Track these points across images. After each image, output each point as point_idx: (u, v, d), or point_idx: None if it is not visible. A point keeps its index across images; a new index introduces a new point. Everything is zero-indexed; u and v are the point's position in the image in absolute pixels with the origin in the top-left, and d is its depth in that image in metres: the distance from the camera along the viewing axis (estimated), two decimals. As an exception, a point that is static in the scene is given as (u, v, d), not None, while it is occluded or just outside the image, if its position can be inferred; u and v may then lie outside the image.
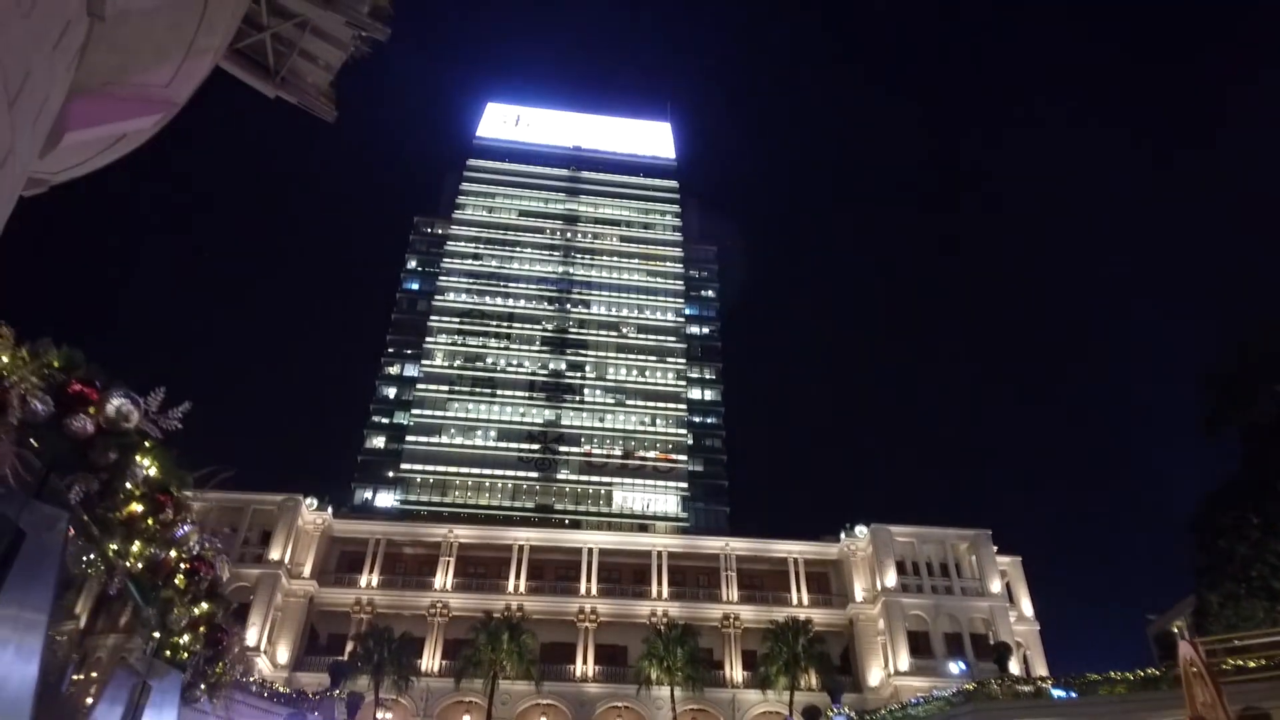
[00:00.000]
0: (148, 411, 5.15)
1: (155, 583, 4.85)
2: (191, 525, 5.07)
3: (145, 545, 4.92)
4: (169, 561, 4.88)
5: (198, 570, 5.07)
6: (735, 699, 52.01)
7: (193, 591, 5.11)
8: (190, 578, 5.06)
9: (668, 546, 59.85)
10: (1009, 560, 57.82)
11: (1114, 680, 35.63)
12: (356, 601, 54.27)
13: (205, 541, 5.13)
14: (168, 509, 5.00)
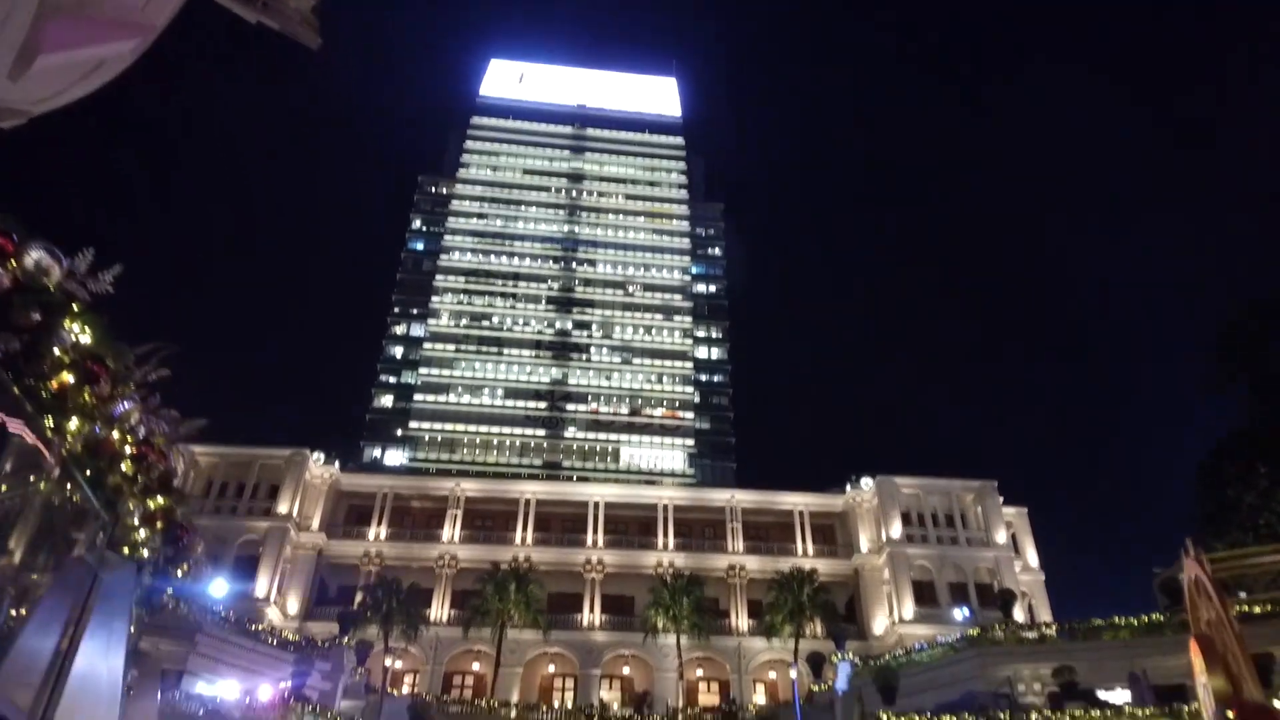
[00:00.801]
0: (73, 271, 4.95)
1: (99, 466, 4.70)
2: (132, 402, 4.87)
3: (83, 422, 4.75)
4: (111, 443, 4.72)
5: (146, 456, 4.90)
6: (741, 647, 52.51)
7: (144, 481, 4.95)
8: (139, 464, 4.89)
9: (674, 500, 60.08)
10: (1014, 511, 57.86)
11: (1118, 626, 35.73)
12: (365, 554, 54.78)
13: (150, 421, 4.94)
14: (103, 381, 4.81)
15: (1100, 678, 32.77)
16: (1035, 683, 34.34)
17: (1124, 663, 32.90)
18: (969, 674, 34.90)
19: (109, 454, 4.85)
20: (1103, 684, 32.66)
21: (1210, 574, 8.14)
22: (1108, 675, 32.81)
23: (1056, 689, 32.26)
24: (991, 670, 34.85)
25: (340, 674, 37.99)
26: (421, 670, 50.59)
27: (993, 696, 32.27)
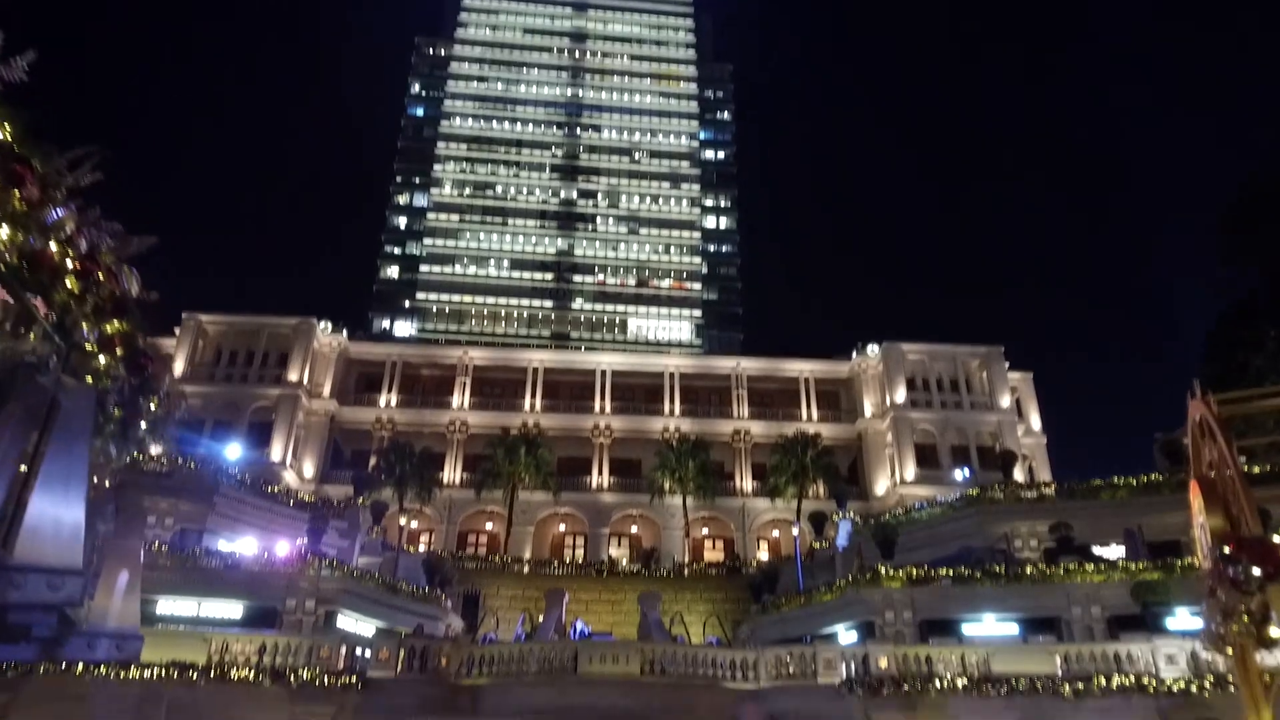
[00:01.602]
0: (-27, 59, 4.49)
1: (40, 282, 4.44)
2: (66, 210, 4.54)
3: (15, 230, 4.46)
4: (49, 255, 4.44)
5: (91, 273, 4.62)
6: (745, 507, 53.91)
7: (93, 301, 4.69)
8: (83, 280, 4.62)
9: (680, 367, 60.43)
10: (1019, 376, 58.06)
11: (1116, 485, 36.20)
12: (377, 420, 55.68)
13: (91, 235, 4.63)
14: (29, 184, 4.47)
15: (1096, 534, 33.47)
16: (1032, 539, 35.17)
17: (1120, 520, 33.49)
18: (967, 531, 35.71)
19: (49, 268, 4.56)
20: (1098, 540, 33.38)
21: (1216, 414, 7.89)
22: (1104, 532, 33.49)
23: (1053, 544, 33.03)
24: (989, 527, 35.63)
25: (357, 533, 39.19)
26: (436, 529, 52.28)
27: (989, 551, 33.11)
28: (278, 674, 21.41)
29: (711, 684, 23.21)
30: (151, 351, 5.19)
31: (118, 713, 20.27)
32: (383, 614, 30.45)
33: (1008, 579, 29.50)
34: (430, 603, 33.78)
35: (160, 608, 27.09)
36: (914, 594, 29.76)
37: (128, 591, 4.88)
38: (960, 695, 22.77)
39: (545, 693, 22.22)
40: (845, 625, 31.03)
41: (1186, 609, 26.62)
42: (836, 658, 23.99)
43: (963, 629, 29.20)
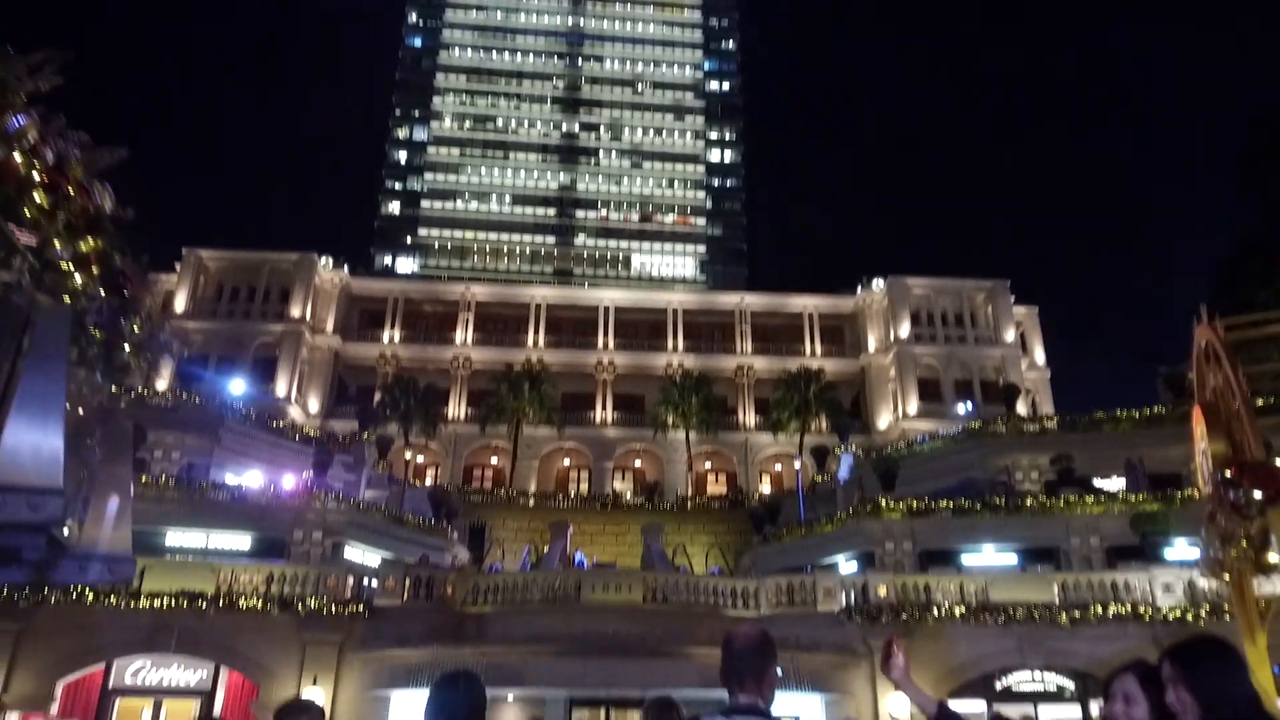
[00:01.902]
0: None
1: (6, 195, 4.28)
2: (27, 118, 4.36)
3: (-32, 136, 4.30)
4: (13, 166, 4.26)
5: (59, 186, 4.45)
6: (748, 441, 54.22)
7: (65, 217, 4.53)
8: (52, 194, 4.46)
9: (684, 304, 60.18)
10: (1025, 310, 57.71)
11: (1118, 418, 36.23)
12: (380, 356, 55.74)
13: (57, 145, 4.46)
14: (-18, 83, 4.30)
15: (1097, 467, 33.59)
16: (1033, 471, 35.33)
17: (1122, 453, 33.57)
18: (968, 463, 35.87)
19: (14, 179, 4.39)
20: (1099, 473, 33.51)
21: (1222, 338, 7.73)
22: (1105, 465, 33.60)
23: (1054, 477, 33.19)
24: (991, 460, 35.79)
25: (363, 467, 39.57)
26: (442, 464, 52.73)
27: (990, 484, 33.31)
28: (285, 603, 21.77)
29: (712, 612, 23.58)
30: (131, 271, 5.05)
31: (129, 641, 20.72)
32: (389, 545, 30.86)
33: (1008, 510, 29.73)
34: (436, 534, 34.24)
35: (170, 539, 27.50)
36: (914, 525, 30.04)
37: (118, 516, 4.92)
38: (958, 623, 23.14)
39: (549, 620, 22.59)
40: (845, 556, 31.40)
41: (1184, 540, 26.85)
42: (836, 586, 24.31)
43: (962, 559, 29.54)
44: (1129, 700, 2.85)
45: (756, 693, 3.36)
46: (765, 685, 3.39)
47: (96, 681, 20.68)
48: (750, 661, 3.41)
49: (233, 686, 21.61)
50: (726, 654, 3.47)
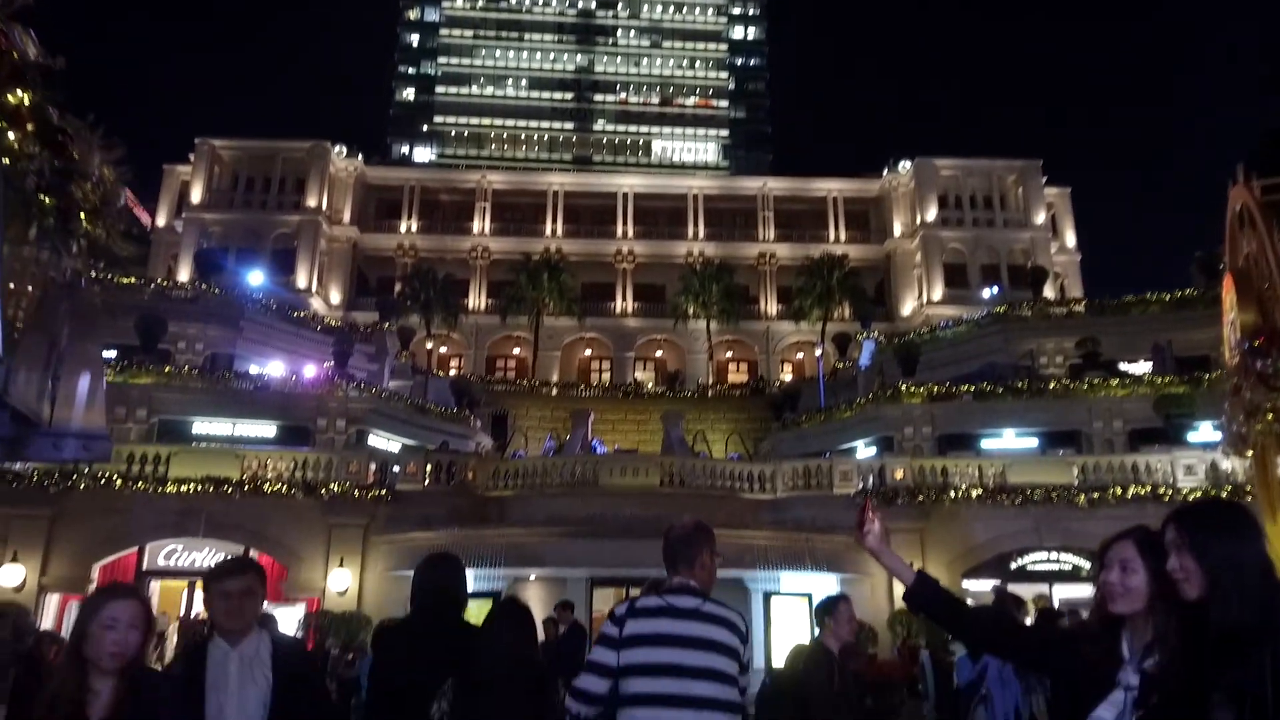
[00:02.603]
0: None
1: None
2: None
3: None
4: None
5: (-38, 31, 4.10)
6: (769, 330, 53.91)
7: (-21, 61, 4.19)
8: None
9: (704, 189, 58.85)
10: (1056, 192, 55.88)
11: (1148, 301, 35.44)
12: (399, 246, 55.42)
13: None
14: None
15: (1124, 350, 33.03)
16: (1058, 355, 34.87)
17: (1149, 336, 32.90)
18: (992, 348, 35.42)
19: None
20: (1126, 356, 32.98)
21: (1259, 198, 7.18)
22: (1132, 348, 33.03)
23: (1079, 360, 32.71)
24: (1015, 344, 35.31)
25: (385, 357, 39.76)
26: (465, 355, 53.05)
27: (1012, 368, 32.90)
28: (310, 487, 22.23)
29: (729, 495, 23.84)
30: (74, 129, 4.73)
31: (160, 526, 21.33)
32: (413, 434, 31.27)
33: (1030, 394, 29.44)
34: (459, 423, 34.64)
35: (196, 428, 28.04)
36: (933, 409, 29.89)
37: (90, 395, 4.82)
38: (975, 505, 23.24)
39: (568, 502, 22.96)
40: (864, 441, 31.46)
41: (1209, 423, 26.56)
42: (853, 470, 24.42)
43: (981, 444, 29.47)
44: (1126, 568, 2.57)
45: (689, 574, 3.79)
46: (697, 568, 3.79)
47: (131, 564, 21.44)
48: (683, 549, 3.84)
49: (263, 567, 22.31)
50: (665, 543, 3.90)
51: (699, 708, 3.42)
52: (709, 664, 3.50)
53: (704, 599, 3.70)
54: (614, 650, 3.57)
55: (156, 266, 50.92)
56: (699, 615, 3.60)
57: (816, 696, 5.38)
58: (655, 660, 3.49)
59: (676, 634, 3.55)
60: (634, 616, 3.64)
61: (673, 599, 3.68)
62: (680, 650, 3.50)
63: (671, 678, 3.45)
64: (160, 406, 27.69)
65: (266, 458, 23.38)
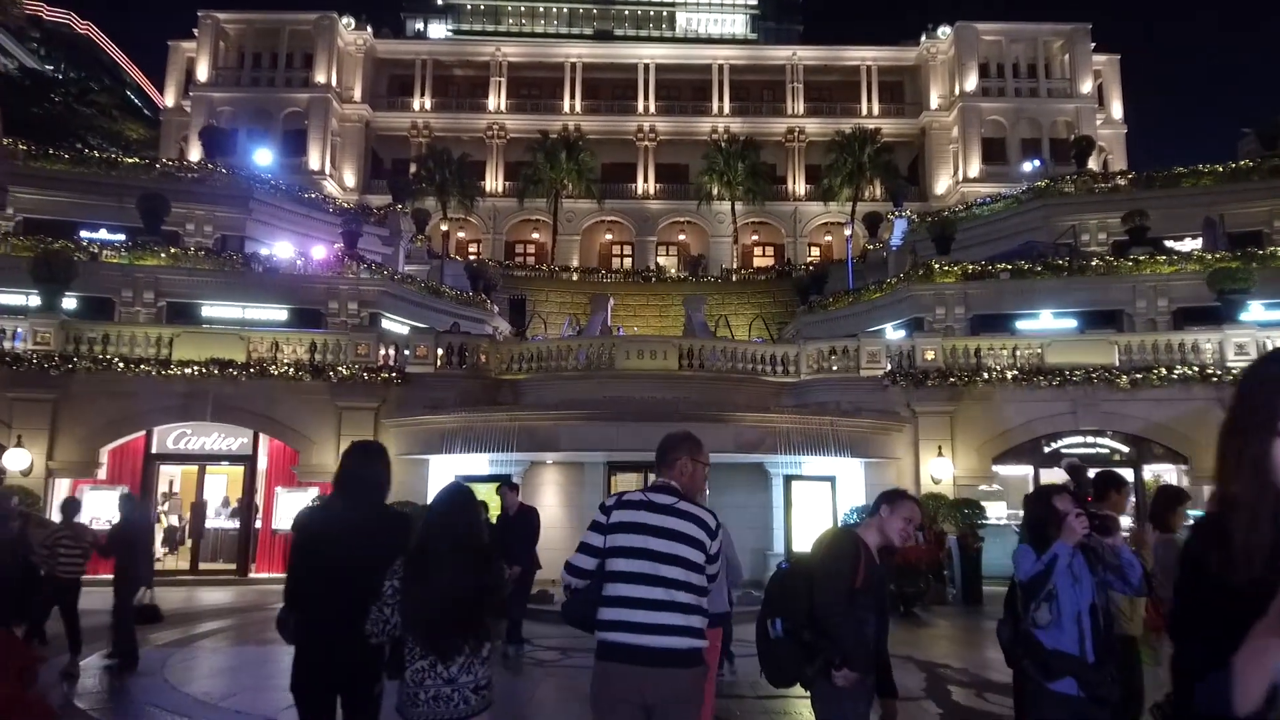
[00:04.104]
0: None
1: None
2: None
3: None
4: None
5: None
6: (797, 211, 52.00)
7: None
8: None
9: (730, 59, 55.82)
10: (1105, 59, 52.35)
11: (1200, 173, 33.28)
12: (413, 125, 53.50)
13: None
14: None
15: (1172, 226, 31.16)
16: (1101, 232, 33.07)
17: (1200, 210, 30.99)
18: (1031, 225, 33.63)
19: None
20: (1174, 232, 31.15)
21: None
22: (1181, 224, 31.16)
23: (1124, 237, 30.92)
24: (1056, 220, 33.48)
25: (400, 240, 38.71)
26: (483, 240, 51.84)
27: (1052, 246, 31.23)
28: (318, 369, 21.58)
29: (750, 377, 22.93)
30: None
31: (166, 409, 20.87)
32: (427, 317, 30.46)
33: (1071, 272, 27.92)
34: (476, 306, 33.81)
35: (205, 311, 27.37)
36: (967, 289, 28.51)
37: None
38: (1009, 386, 22.16)
39: (584, 385, 22.21)
40: (894, 324, 30.23)
41: (1260, 303, 25.07)
42: (881, 351, 23.34)
43: (1016, 325, 28.16)
44: None
45: (669, 475, 4.29)
46: (676, 471, 4.29)
47: (140, 448, 21.11)
48: (665, 453, 4.34)
49: (274, 453, 21.94)
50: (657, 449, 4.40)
51: (666, 586, 4.00)
52: (676, 551, 4.05)
53: (679, 498, 4.20)
54: (602, 534, 4.16)
55: (168, 148, 49.67)
56: (672, 510, 4.14)
57: (827, 592, 4.50)
58: (632, 544, 4.07)
59: (652, 524, 4.10)
60: (620, 508, 4.22)
61: (653, 495, 4.22)
62: (654, 538, 4.06)
63: (645, 560, 4.03)
64: (168, 289, 26.98)
65: (273, 339, 22.69)
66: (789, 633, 4.53)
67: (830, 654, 4.39)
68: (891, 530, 4.76)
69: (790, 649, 4.52)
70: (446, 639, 3.91)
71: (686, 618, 4.03)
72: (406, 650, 3.97)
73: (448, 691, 3.89)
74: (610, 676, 4.04)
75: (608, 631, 4.06)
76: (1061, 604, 4.67)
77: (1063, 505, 4.83)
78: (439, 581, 3.93)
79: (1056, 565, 4.66)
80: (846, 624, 4.41)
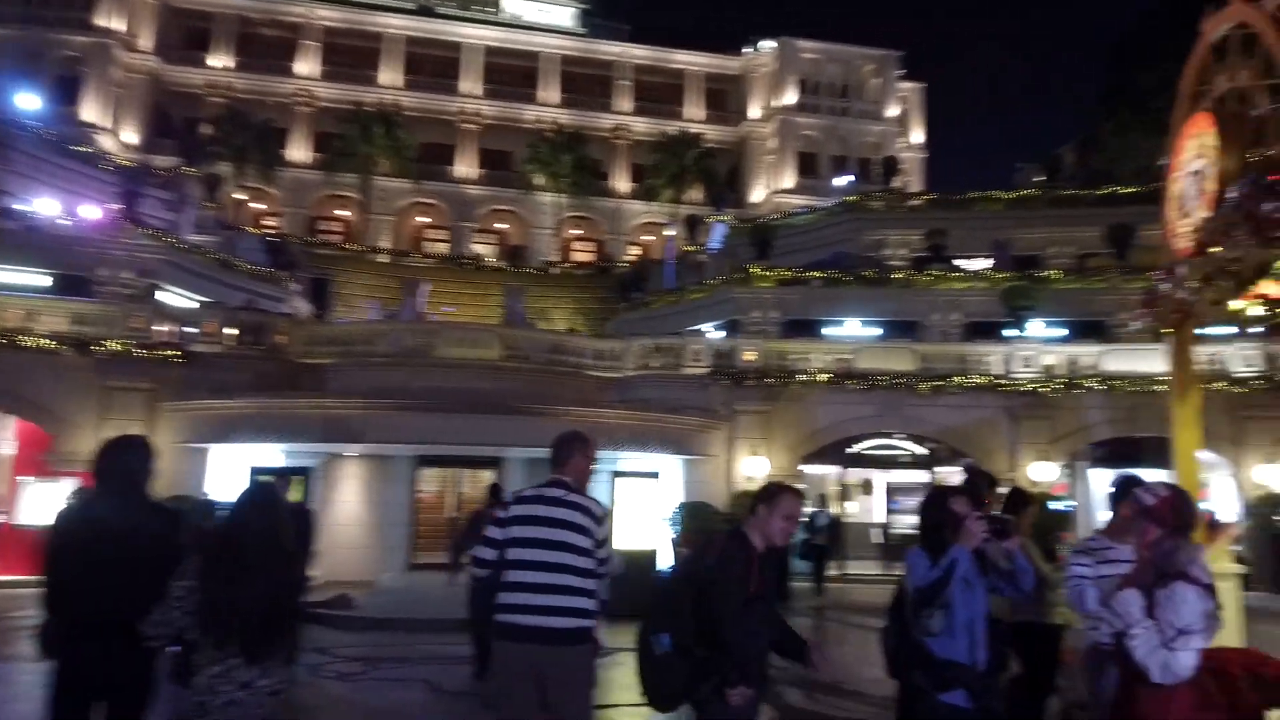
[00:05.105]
0: None
1: None
2: None
3: None
4: None
5: None
6: (620, 208, 51.98)
7: None
8: None
9: (560, 49, 55.06)
10: (911, 87, 56.05)
11: (990, 198, 36.16)
12: (210, 84, 48.80)
13: None
14: None
15: (966, 246, 33.51)
16: (903, 247, 35.07)
17: (991, 233, 33.59)
18: (842, 236, 35.23)
19: None
20: (968, 252, 33.48)
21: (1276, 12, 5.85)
22: (974, 244, 33.55)
23: (925, 253, 32.99)
24: (864, 234, 35.25)
25: (187, 205, 34.98)
26: (284, 214, 48.03)
27: (860, 258, 32.84)
28: (82, 344, 18.85)
29: (575, 372, 22.33)
30: None
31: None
32: (217, 292, 27.59)
33: (877, 283, 29.37)
34: (273, 283, 31.12)
35: (-58, 271, 23.37)
36: (783, 294, 29.32)
37: None
38: (822, 389, 22.86)
39: (397, 375, 20.76)
40: (713, 324, 30.62)
41: (1042, 320, 27.37)
42: (704, 350, 23.43)
43: (825, 330, 29.26)
44: None
45: (561, 471, 4.70)
46: (569, 467, 4.69)
47: None
48: (557, 451, 4.76)
49: (25, 437, 18.95)
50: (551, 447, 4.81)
51: (556, 571, 4.32)
52: (566, 539, 4.40)
53: (569, 490, 4.57)
54: (501, 528, 4.55)
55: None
56: (562, 503, 4.51)
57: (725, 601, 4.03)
58: (526, 535, 4.44)
59: (544, 516, 4.49)
60: (517, 503, 4.69)
61: (545, 490, 4.63)
62: (545, 528, 4.43)
63: (538, 548, 4.39)
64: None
65: (28, 307, 19.60)
66: (678, 648, 3.99)
67: (726, 670, 3.92)
68: (773, 531, 4.31)
69: (680, 666, 3.99)
70: (263, 642, 3.81)
71: (574, 599, 4.34)
72: (197, 655, 3.80)
73: (242, 696, 3.78)
74: (508, 654, 4.41)
75: (505, 614, 4.39)
76: (955, 613, 4.34)
77: (960, 508, 4.52)
78: (252, 583, 3.80)
79: (956, 570, 4.31)
80: (746, 636, 3.99)
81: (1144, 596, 3.70)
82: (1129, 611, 3.70)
